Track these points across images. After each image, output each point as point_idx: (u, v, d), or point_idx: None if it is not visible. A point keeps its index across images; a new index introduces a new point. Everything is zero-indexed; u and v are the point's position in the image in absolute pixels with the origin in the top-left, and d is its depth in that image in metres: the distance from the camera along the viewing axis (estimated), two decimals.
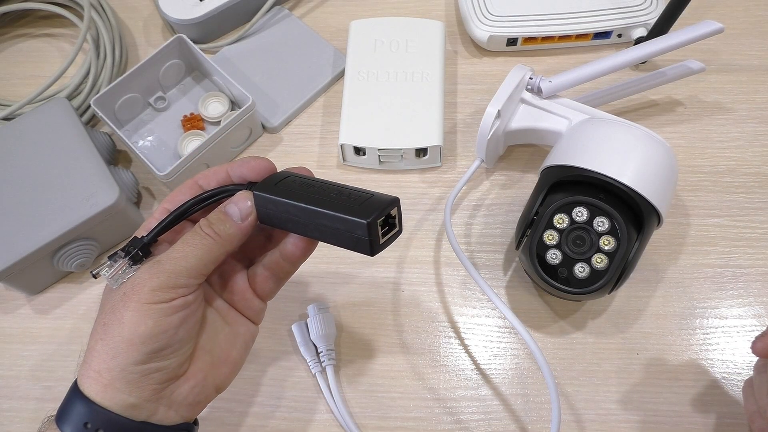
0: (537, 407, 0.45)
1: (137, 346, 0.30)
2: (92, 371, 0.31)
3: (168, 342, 0.31)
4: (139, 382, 0.30)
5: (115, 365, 0.30)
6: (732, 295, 0.47)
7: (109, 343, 0.30)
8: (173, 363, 0.31)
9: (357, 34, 0.55)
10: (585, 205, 0.42)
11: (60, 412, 0.32)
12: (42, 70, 0.59)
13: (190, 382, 0.32)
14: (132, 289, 0.31)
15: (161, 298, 0.30)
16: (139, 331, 0.30)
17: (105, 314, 0.31)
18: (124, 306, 0.30)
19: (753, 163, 0.51)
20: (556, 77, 0.47)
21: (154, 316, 0.30)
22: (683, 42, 0.47)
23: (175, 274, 0.31)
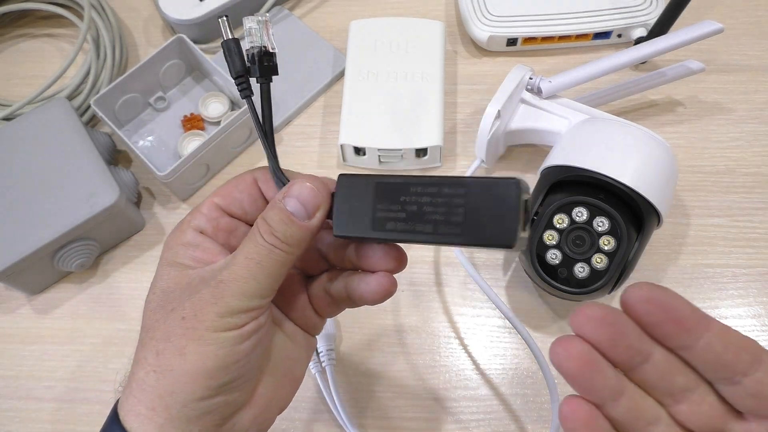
0: (537, 407, 0.45)
1: (203, 381, 0.25)
2: (143, 407, 0.26)
3: (240, 373, 0.26)
4: (200, 419, 0.26)
5: (174, 402, 0.25)
6: (732, 295, 0.47)
7: (167, 376, 0.25)
8: (241, 395, 0.27)
9: (357, 34, 0.55)
10: (585, 205, 0.42)
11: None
12: (42, 71, 0.59)
13: (253, 410, 0.28)
14: (194, 315, 0.26)
15: (230, 325, 0.26)
16: (207, 365, 0.25)
17: (157, 341, 0.26)
18: (185, 335, 0.25)
19: (753, 163, 0.51)
20: (556, 77, 0.48)
21: (225, 345, 0.25)
22: (683, 42, 0.47)
23: (246, 296, 0.26)
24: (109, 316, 0.49)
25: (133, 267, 0.51)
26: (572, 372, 0.24)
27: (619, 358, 0.24)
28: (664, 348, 0.25)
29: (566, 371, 0.24)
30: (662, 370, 0.25)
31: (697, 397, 0.25)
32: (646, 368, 0.25)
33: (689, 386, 0.25)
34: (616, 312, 0.24)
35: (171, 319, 0.26)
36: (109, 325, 0.49)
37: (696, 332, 0.24)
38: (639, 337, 0.24)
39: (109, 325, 0.49)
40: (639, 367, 0.25)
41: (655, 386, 0.25)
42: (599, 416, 0.25)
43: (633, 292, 0.24)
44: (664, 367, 0.25)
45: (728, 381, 0.24)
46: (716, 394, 0.25)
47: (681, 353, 0.24)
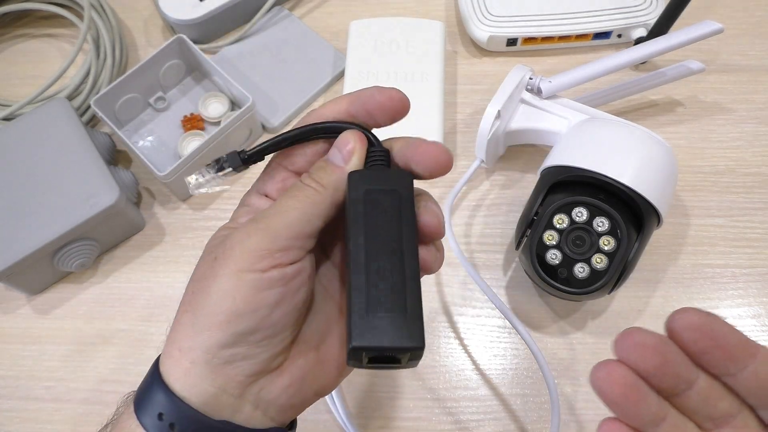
0: (537, 407, 0.45)
1: (222, 324, 0.25)
2: (175, 349, 0.26)
3: (258, 324, 0.25)
4: (222, 369, 0.25)
5: (199, 344, 0.25)
6: (732, 295, 0.47)
7: (195, 316, 0.25)
8: (264, 353, 0.26)
9: (357, 35, 0.55)
10: (585, 205, 0.42)
11: (138, 395, 0.27)
12: (42, 71, 0.59)
13: (284, 380, 0.27)
14: (223, 253, 0.26)
15: (254, 265, 0.25)
16: (224, 306, 0.25)
17: (195, 282, 0.26)
18: (213, 273, 0.25)
19: (753, 163, 0.51)
20: (556, 77, 0.48)
21: (243, 288, 0.25)
22: (683, 42, 0.47)
23: (273, 232, 0.25)
24: (109, 316, 0.49)
25: (133, 267, 0.51)
26: (615, 398, 0.24)
27: (665, 385, 0.24)
28: (709, 374, 0.24)
29: (609, 397, 0.24)
30: (706, 396, 0.24)
31: (739, 422, 0.25)
32: (690, 394, 0.24)
33: (731, 412, 0.25)
34: (665, 340, 0.24)
35: (207, 260, 0.26)
36: (109, 325, 0.49)
37: (743, 360, 0.24)
38: (685, 365, 0.24)
39: (109, 325, 0.49)
40: (683, 393, 0.24)
41: (697, 411, 0.25)
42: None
43: (680, 319, 0.24)
44: (707, 393, 0.24)
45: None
46: (758, 419, 0.25)
47: (725, 380, 0.24)
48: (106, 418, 0.29)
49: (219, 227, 0.29)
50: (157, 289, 0.50)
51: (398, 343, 0.24)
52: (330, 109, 0.28)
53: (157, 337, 0.48)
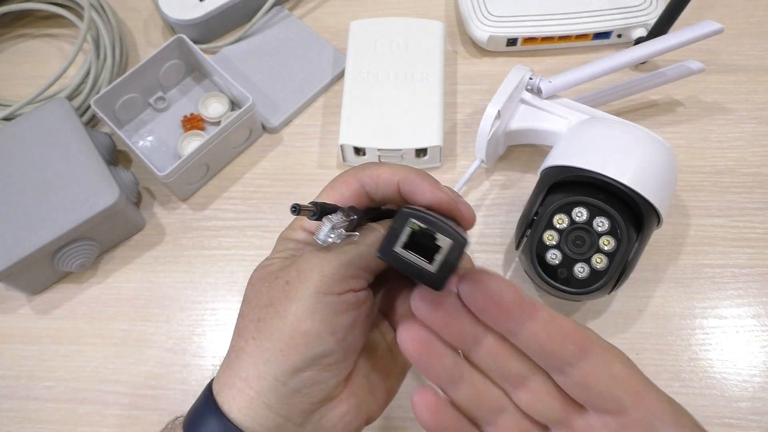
0: None
1: (298, 347, 0.25)
2: (238, 379, 0.26)
3: (333, 347, 0.26)
4: (290, 397, 0.26)
5: (268, 371, 0.25)
6: (731, 295, 0.47)
7: (264, 342, 0.26)
8: (333, 377, 0.27)
9: (357, 34, 0.55)
10: (585, 205, 0.42)
11: (191, 423, 0.27)
12: (42, 71, 0.59)
13: (342, 407, 0.28)
14: (297, 277, 0.26)
15: (332, 288, 0.26)
16: (303, 327, 0.25)
17: (260, 309, 0.27)
18: (288, 297, 0.26)
19: (753, 163, 0.51)
20: (556, 77, 0.48)
21: (323, 311, 0.25)
22: (683, 42, 0.47)
23: (347, 261, 0.26)
24: (109, 316, 0.49)
25: (134, 267, 0.51)
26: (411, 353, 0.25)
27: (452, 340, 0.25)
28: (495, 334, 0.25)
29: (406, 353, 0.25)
30: (495, 354, 0.25)
31: (536, 386, 0.25)
32: (480, 352, 0.25)
33: (523, 373, 0.25)
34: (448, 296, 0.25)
35: (275, 286, 0.27)
36: (109, 325, 0.49)
37: (519, 319, 0.24)
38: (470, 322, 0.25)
39: (109, 325, 0.49)
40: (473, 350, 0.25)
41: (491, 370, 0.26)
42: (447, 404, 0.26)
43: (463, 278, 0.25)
44: (497, 351, 0.25)
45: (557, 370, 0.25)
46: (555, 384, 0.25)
47: (510, 339, 0.25)
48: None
49: (262, 262, 0.29)
50: (157, 289, 0.50)
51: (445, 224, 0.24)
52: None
53: (157, 337, 0.48)
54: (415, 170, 0.28)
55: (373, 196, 0.29)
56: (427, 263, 0.24)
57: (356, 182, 0.29)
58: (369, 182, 0.29)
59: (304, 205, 0.25)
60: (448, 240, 0.24)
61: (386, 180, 0.28)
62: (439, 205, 0.27)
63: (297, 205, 0.24)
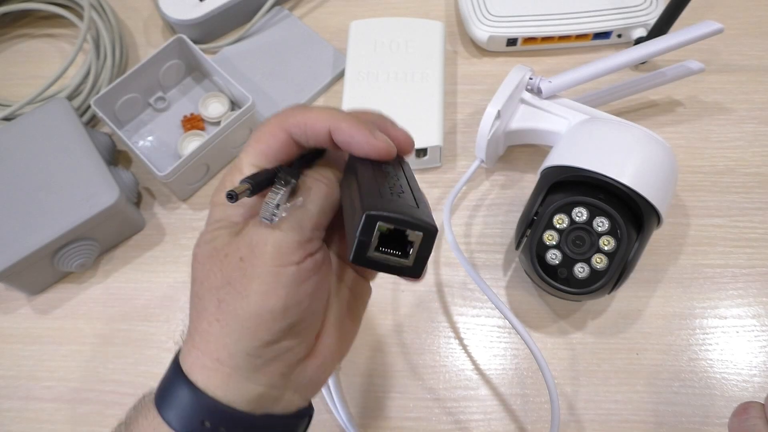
0: (536, 407, 0.45)
1: (268, 324, 0.25)
2: (208, 360, 0.26)
3: (302, 315, 0.26)
4: (267, 366, 0.26)
5: (240, 349, 0.25)
6: (731, 295, 0.47)
7: (231, 323, 0.25)
8: (304, 342, 0.27)
9: (357, 35, 0.55)
10: (585, 205, 0.42)
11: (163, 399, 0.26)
12: (42, 71, 0.59)
13: (318, 360, 0.28)
14: (251, 253, 0.25)
15: (289, 259, 0.25)
16: (269, 304, 0.25)
17: (217, 289, 0.26)
18: (245, 275, 0.25)
19: (753, 163, 0.51)
20: (556, 77, 0.48)
21: (287, 284, 0.25)
22: (683, 42, 0.47)
23: (299, 226, 0.25)
24: (109, 316, 0.49)
25: (134, 267, 0.51)
26: None
27: None
28: None
29: None
30: None
31: None
32: None
33: None
34: None
35: (228, 264, 0.26)
36: (109, 325, 0.49)
37: None
38: None
39: (109, 325, 0.49)
40: None
41: None
42: None
43: None
44: None
45: None
46: None
47: None
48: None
49: (203, 236, 0.28)
50: (157, 289, 0.50)
51: (413, 218, 0.23)
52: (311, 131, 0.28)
53: (157, 337, 0.48)
54: (344, 115, 0.27)
55: (303, 143, 0.28)
56: (403, 258, 0.24)
57: (283, 133, 0.27)
58: (297, 131, 0.27)
59: (239, 189, 0.24)
60: (419, 233, 0.23)
61: (315, 129, 0.27)
62: (379, 157, 0.27)
63: (233, 192, 0.24)
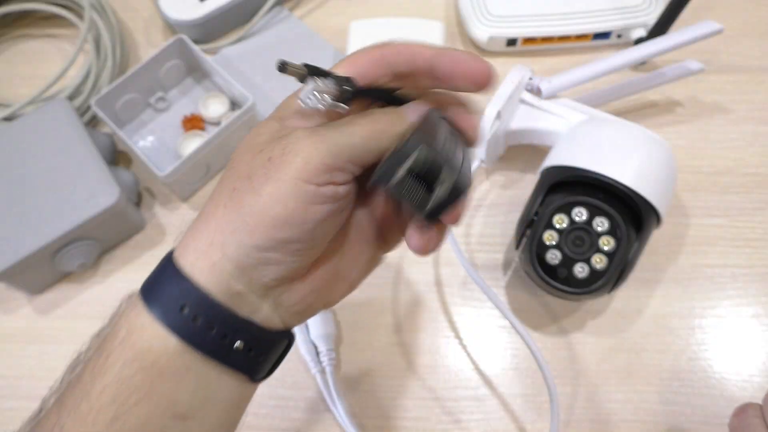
0: (536, 407, 0.45)
1: (266, 229, 0.24)
2: (201, 242, 0.25)
3: (300, 236, 0.25)
4: (252, 270, 0.25)
5: (233, 241, 0.25)
6: (731, 295, 0.47)
7: (233, 213, 0.25)
8: (296, 262, 0.26)
9: (357, 35, 0.55)
10: (584, 205, 0.42)
11: (148, 289, 0.26)
12: (43, 71, 0.59)
13: (304, 289, 0.27)
14: (281, 156, 0.25)
15: (312, 177, 0.24)
16: (274, 210, 0.24)
17: (237, 179, 0.25)
18: (266, 175, 0.25)
19: (752, 163, 0.52)
20: (556, 78, 0.48)
21: (299, 198, 0.24)
22: (682, 42, 0.47)
23: (337, 151, 0.25)
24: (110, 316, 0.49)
25: (134, 267, 0.51)
26: None
27: None
28: None
29: None
30: None
31: None
32: None
33: None
34: None
35: (258, 159, 0.25)
36: None
37: None
38: None
39: None
40: None
41: None
42: None
43: None
44: None
45: None
46: None
47: None
48: None
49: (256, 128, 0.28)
50: None
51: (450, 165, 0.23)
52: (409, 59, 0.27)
53: None
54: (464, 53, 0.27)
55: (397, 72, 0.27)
56: (427, 194, 0.24)
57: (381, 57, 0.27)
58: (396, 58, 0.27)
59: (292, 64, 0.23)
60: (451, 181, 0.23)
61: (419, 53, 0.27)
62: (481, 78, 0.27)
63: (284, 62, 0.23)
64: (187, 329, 0.25)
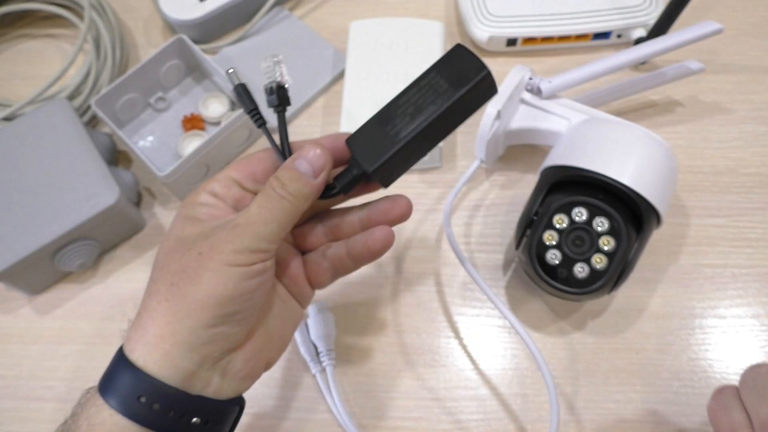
0: (536, 407, 0.45)
1: (212, 308, 0.28)
2: (151, 336, 0.29)
3: (242, 307, 0.29)
4: (203, 347, 0.29)
5: (183, 327, 0.28)
6: (731, 295, 0.47)
7: (178, 303, 0.29)
8: (240, 331, 0.30)
9: (357, 35, 0.55)
10: (585, 205, 0.42)
11: (105, 384, 0.30)
12: (42, 71, 0.59)
13: (246, 354, 0.31)
14: (210, 250, 0.29)
15: (243, 261, 0.29)
16: (217, 292, 0.28)
17: (172, 275, 0.29)
18: (201, 266, 0.29)
19: (752, 163, 0.52)
20: (556, 78, 0.48)
21: (235, 278, 0.29)
22: (682, 42, 0.47)
23: (258, 237, 0.30)
24: (110, 316, 0.49)
25: (134, 267, 0.51)
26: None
27: None
28: None
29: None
30: None
31: None
32: None
33: None
34: None
35: (188, 256, 0.30)
36: (110, 325, 0.49)
37: None
38: None
39: (110, 325, 0.49)
40: None
41: None
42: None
43: None
44: None
45: None
46: None
47: None
48: None
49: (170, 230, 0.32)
50: None
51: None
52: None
53: None
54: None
55: None
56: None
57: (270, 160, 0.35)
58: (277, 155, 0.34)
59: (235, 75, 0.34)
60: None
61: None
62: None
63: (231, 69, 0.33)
64: (147, 415, 0.28)
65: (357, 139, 0.32)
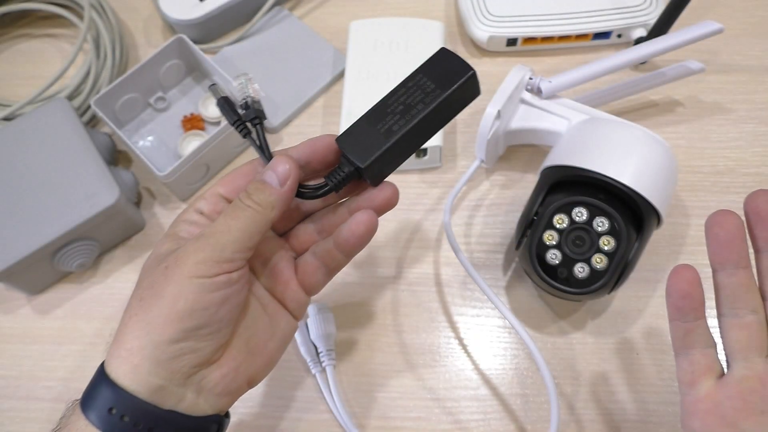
0: (536, 407, 0.45)
1: (174, 323, 0.28)
2: (122, 350, 0.29)
3: (207, 321, 0.29)
4: (169, 363, 0.29)
5: (148, 342, 0.29)
6: None
7: (144, 318, 0.29)
8: (209, 346, 0.30)
9: (357, 35, 0.55)
10: (585, 205, 0.42)
11: (85, 396, 0.30)
12: (42, 71, 0.59)
13: (222, 370, 0.31)
14: (175, 263, 0.29)
15: (205, 272, 0.29)
16: (178, 306, 0.28)
17: (142, 289, 0.30)
18: (165, 280, 0.29)
19: (753, 163, 0.51)
20: (556, 77, 0.48)
21: (195, 290, 0.29)
22: (683, 42, 0.47)
23: (221, 247, 0.29)
24: (109, 316, 0.49)
25: (134, 267, 0.51)
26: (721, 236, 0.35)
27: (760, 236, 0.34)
28: None
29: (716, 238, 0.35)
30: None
31: None
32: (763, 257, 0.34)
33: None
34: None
35: (157, 270, 0.30)
36: (109, 325, 0.49)
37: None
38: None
39: (109, 325, 0.49)
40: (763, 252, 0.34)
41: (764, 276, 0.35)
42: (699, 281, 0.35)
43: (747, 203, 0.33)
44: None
45: None
46: None
47: None
48: None
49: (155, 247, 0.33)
50: None
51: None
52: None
53: None
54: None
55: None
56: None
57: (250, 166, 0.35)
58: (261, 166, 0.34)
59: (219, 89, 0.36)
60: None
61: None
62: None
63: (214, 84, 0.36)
64: (117, 427, 0.28)
65: (347, 139, 0.33)
